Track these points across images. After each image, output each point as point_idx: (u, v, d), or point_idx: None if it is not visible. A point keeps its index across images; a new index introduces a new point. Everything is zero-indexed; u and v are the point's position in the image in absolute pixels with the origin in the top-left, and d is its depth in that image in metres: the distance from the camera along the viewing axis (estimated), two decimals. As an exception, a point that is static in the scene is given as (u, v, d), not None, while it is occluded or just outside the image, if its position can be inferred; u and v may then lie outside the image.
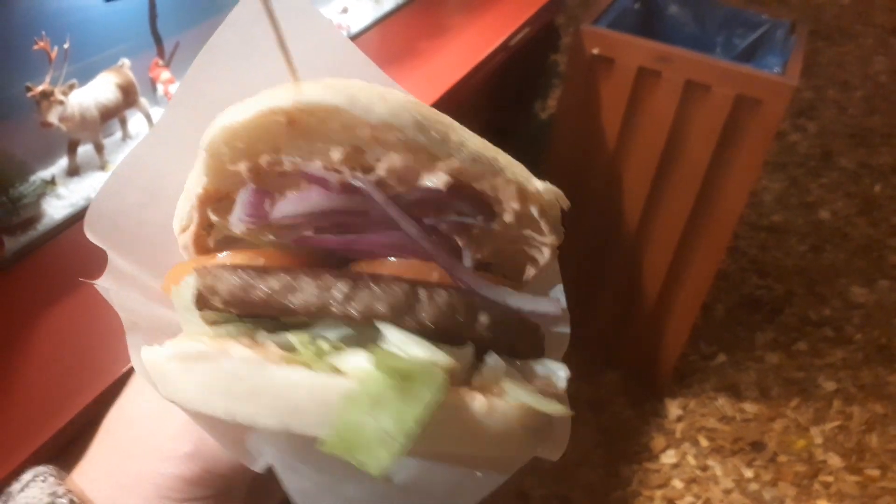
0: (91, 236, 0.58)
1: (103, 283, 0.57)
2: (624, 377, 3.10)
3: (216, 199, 0.53)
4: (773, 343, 3.32)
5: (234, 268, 0.49)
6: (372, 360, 0.43)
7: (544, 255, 0.56)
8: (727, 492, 2.75)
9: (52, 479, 0.59)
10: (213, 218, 0.54)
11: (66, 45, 1.49)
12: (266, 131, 0.49)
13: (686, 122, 2.46)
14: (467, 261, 0.52)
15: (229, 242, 0.57)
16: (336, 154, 0.48)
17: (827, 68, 5.28)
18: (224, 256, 0.55)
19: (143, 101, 1.70)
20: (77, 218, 1.50)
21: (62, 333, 1.27)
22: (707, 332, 3.31)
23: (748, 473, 2.81)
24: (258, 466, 0.54)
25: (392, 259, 0.52)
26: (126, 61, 1.67)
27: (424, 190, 0.48)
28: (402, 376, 0.42)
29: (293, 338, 0.46)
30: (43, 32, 1.45)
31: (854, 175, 4.33)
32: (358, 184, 0.48)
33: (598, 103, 2.58)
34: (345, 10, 2.34)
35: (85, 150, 1.62)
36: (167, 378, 0.48)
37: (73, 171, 1.59)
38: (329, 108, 0.46)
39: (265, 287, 0.47)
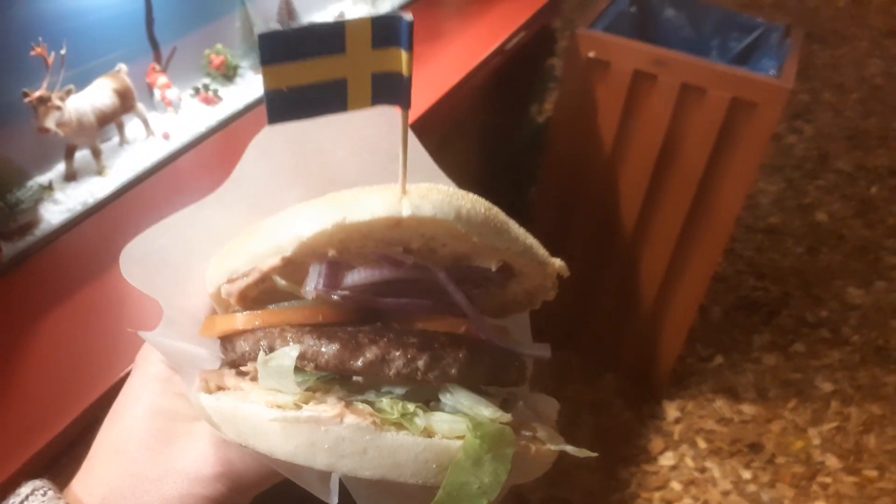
0: (125, 275, 0.64)
1: (150, 335, 0.63)
2: (621, 379, 3.11)
3: (284, 266, 0.59)
4: (771, 345, 3.32)
5: (328, 337, 0.56)
6: (469, 428, 0.54)
7: (535, 305, 0.70)
8: (725, 493, 2.75)
9: (51, 494, 0.59)
10: (281, 282, 0.59)
11: (63, 51, 1.49)
12: (371, 229, 0.55)
13: (682, 125, 2.47)
14: (478, 309, 0.62)
15: (270, 292, 0.62)
16: (416, 244, 0.57)
17: (822, 71, 5.30)
18: (280, 312, 0.61)
19: (140, 106, 1.70)
20: (74, 223, 1.51)
21: (59, 339, 1.27)
22: (704, 334, 3.32)
23: (746, 475, 2.82)
24: (333, 500, 0.61)
25: (427, 316, 0.61)
26: (123, 67, 1.68)
27: (475, 267, 0.60)
28: (493, 440, 0.54)
29: (384, 401, 0.55)
30: (40, 38, 1.46)
31: (850, 177, 4.34)
32: (429, 266, 0.58)
33: (594, 106, 2.58)
34: (341, 15, 2.35)
35: (82, 155, 1.63)
36: (257, 432, 0.55)
37: (71, 177, 1.59)
38: (437, 222, 0.54)
39: (363, 360, 0.55)
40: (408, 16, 0.53)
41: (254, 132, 0.69)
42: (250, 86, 1.95)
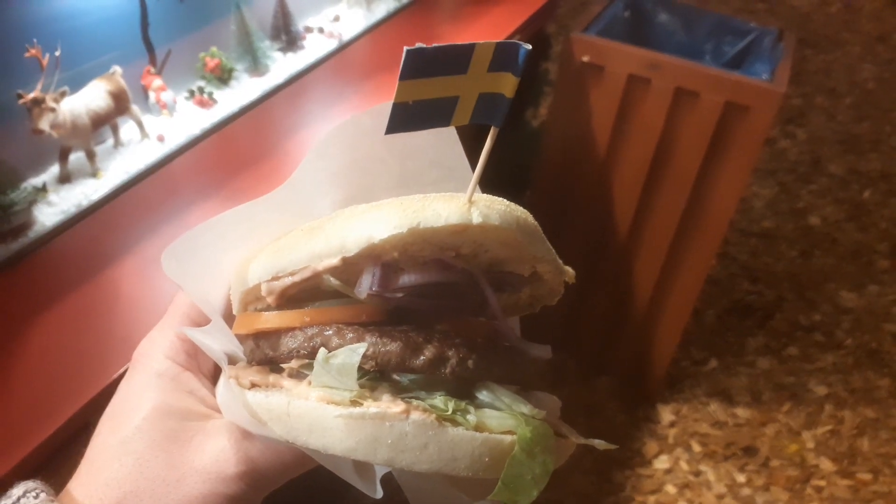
0: (167, 272, 0.65)
1: (196, 334, 0.64)
2: (616, 383, 3.11)
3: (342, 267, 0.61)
4: (764, 348, 3.33)
5: (391, 337, 0.59)
6: (521, 422, 0.58)
7: (536, 309, 0.74)
8: (720, 497, 2.75)
9: (43, 496, 0.57)
10: (334, 282, 0.61)
11: (57, 53, 1.50)
12: (439, 235, 0.58)
13: (676, 128, 2.48)
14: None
15: (307, 291, 0.63)
16: (466, 249, 0.60)
17: (815, 76, 5.33)
18: (324, 311, 0.62)
19: (134, 108, 1.70)
20: (68, 225, 1.50)
21: (53, 340, 1.27)
22: (698, 338, 3.33)
23: (741, 478, 2.82)
24: (378, 494, 0.64)
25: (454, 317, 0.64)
26: (118, 69, 1.67)
27: (508, 273, 0.63)
28: (540, 433, 0.58)
29: (438, 398, 0.58)
30: (34, 40, 1.46)
31: (843, 181, 4.36)
32: (473, 271, 0.60)
33: (588, 111, 2.59)
34: (336, 19, 2.36)
35: (76, 157, 1.62)
36: (316, 429, 0.57)
37: (65, 179, 1.59)
38: (501, 230, 0.58)
39: (423, 359, 0.58)
40: (527, 45, 0.56)
41: (248, 136, 0.70)
42: (245, 89, 1.96)
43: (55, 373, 1.22)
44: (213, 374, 0.69)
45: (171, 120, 1.80)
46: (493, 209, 0.58)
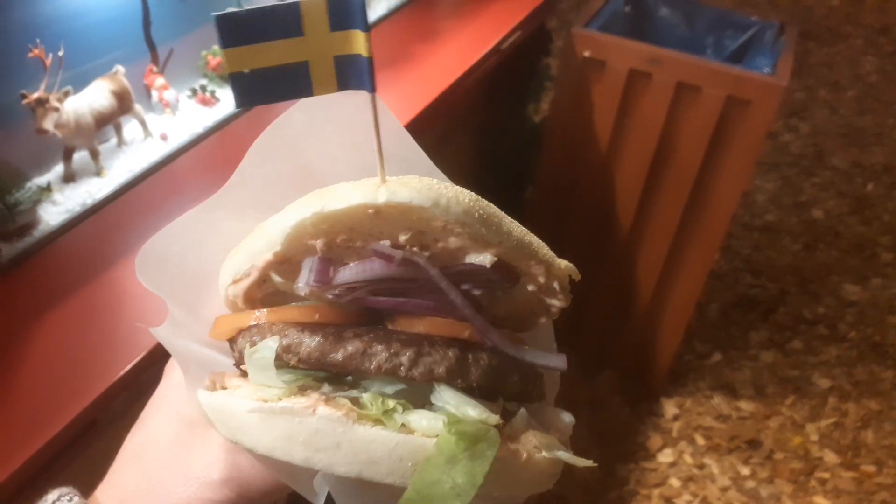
0: (141, 278, 0.64)
1: (160, 331, 0.63)
2: (620, 377, 3.12)
3: (280, 263, 0.59)
4: (768, 342, 3.33)
5: (312, 331, 0.56)
6: (444, 424, 0.52)
7: (551, 313, 0.67)
8: (724, 489, 2.76)
9: (77, 500, 0.60)
10: (277, 279, 0.60)
11: (60, 53, 1.50)
12: (351, 218, 0.56)
13: (677, 123, 2.48)
14: (488, 317, 0.60)
15: (276, 294, 0.63)
16: (403, 236, 0.56)
17: (817, 69, 5.31)
18: (278, 311, 0.60)
19: (137, 107, 1.71)
20: (73, 224, 1.51)
21: (58, 339, 1.28)
22: (702, 332, 3.33)
23: (745, 471, 2.82)
24: (318, 501, 0.61)
25: (431, 318, 0.60)
26: (120, 68, 1.68)
27: (469, 265, 0.58)
28: (470, 438, 0.51)
29: (364, 396, 0.54)
30: (38, 40, 1.46)
31: (846, 174, 4.36)
32: (418, 260, 0.57)
33: (589, 106, 2.59)
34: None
35: (80, 156, 1.63)
36: (242, 426, 0.55)
37: (69, 178, 1.60)
38: (415, 207, 0.54)
39: (343, 352, 0.55)
40: None
41: (251, 133, 0.70)
42: (247, 87, 1.96)
43: (61, 372, 1.22)
44: None
45: (174, 118, 1.81)
46: (406, 186, 0.55)
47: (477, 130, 2.87)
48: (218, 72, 1.94)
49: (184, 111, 1.84)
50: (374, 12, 2.40)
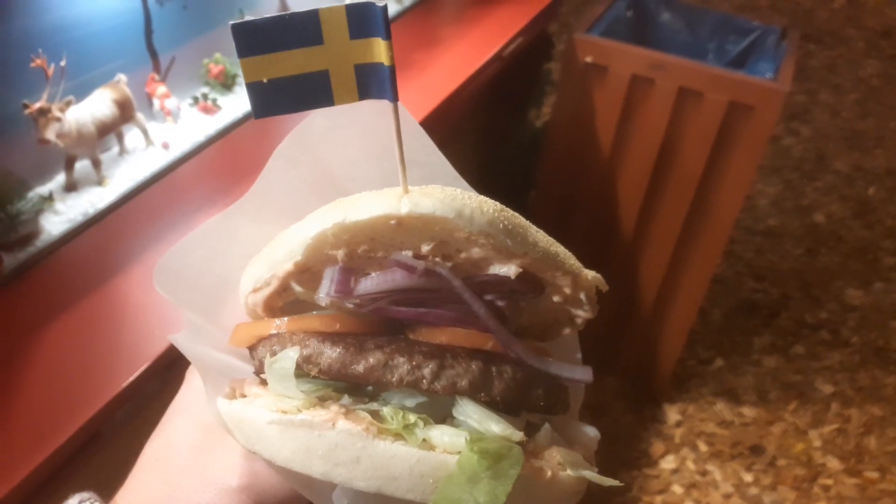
0: (158, 288, 0.64)
1: (177, 337, 0.62)
2: (622, 383, 3.11)
3: (300, 272, 0.59)
4: (771, 347, 3.33)
5: (333, 341, 0.55)
6: (466, 441, 0.51)
7: (577, 323, 0.66)
8: (727, 496, 2.75)
9: None
10: (298, 288, 0.59)
11: (62, 62, 1.50)
12: (373, 229, 0.55)
13: (680, 128, 2.47)
14: (511, 327, 0.59)
15: (296, 303, 0.62)
16: (426, 247, 0.55)
17: (819, 72, 5.31)
18: (298, 319, 0.60)
19: (139, 116, 1.71)
20: (75, 234, 1.51)
21: (62, 348, 1.28)
22: (704, 337, 3.32)
23: (747, 478, 2.82)
24: None
25: (453, 328, 0.58)
26: (122, 77, 1.68)
27: (493, 276, 0.57)
28: (493, 456, 0.50)
29: (385, 409, 0.53)
30: (39, 50, 1.46)
31: (848, 178, 4.35)
32: (441, 271, 0.55)
33: (591, 111, 2.59)
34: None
35: (82, 165, 1.63)
36: (261, 436, 0.54)
37: (71, 187, 1.60)
38: (438, 218, 0.53)
39: (364, 364, 0.54)
40: (380, 2, 0.51)
41: (253, 141, 0.69)
42: (249, 94, 1.96)
43: (64, 382, 1.22)
44: None
45: (176, 127, 1.81)
46: (429, 197, 0.54)
47: (479, 136, 2.87)
48: (219, 80, 1.94)
49: (185, 119, 1.84)
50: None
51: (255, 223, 0.67)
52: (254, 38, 0.51)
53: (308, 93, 0.54)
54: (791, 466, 2.86)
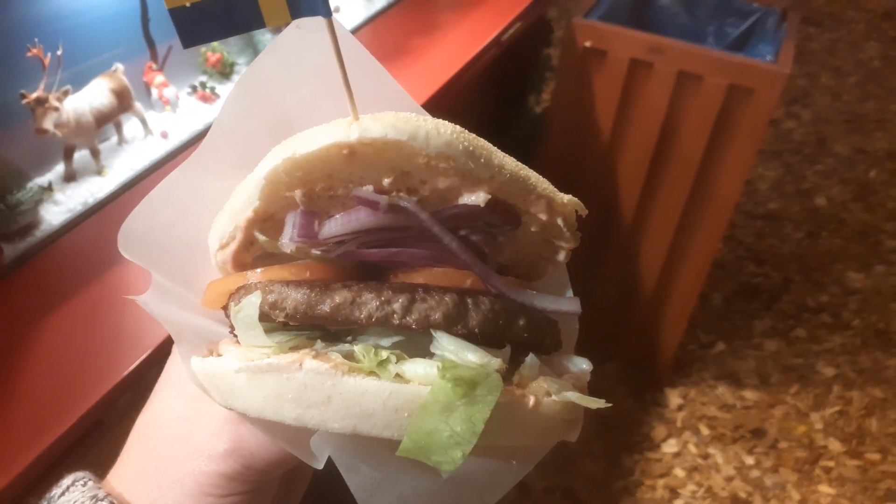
0: (125, 252, 0.61)
1: (144, 299, 0.60)
2: (623, 368, 3.12)
3: (263, 220, 0.57)
4: (772, 330, 3.33)
5: (298, 284, 0.53)
6: (439, 369, 0.48)
7: (560, 256, 0.62)
8: (729, 479, 2.77)
9: (91, 483, 0.60)
10: (261, 237, 0.57)
11: (59, 52, 1.50)
12: (327, 162, 0.52)
13: (679, 112, 2.47)
14: (492, 265, 0.56)
15: (266, 256, 0.60)
16: (387, 179, 0.53)
17: (819, 55, 5.29)
18: (267, 270, 0.57)
19: (137, 105, 1.71)
20: (74, 223, 1.51)
21: (62, 338, 1.28)
22: (705, 321, 3.33)
23: (749, 460, 2.83)
24: (318, 464, 0.57)
25: (429, 268, 0.56)
26: (120, 66, 1.67)
27: (463, 206, 0.54)
28: (467, 383, 0.48)
29: (356, 348, 0.51)
30: (36, 39, 1.46)
31: (849, 161, 4.34)
32: (406, 205, 0.53)
33: (591, 96, 2.58)
34: (337, 10, 2.35)
35: (81, 155, 1.63)
36: (233, 388, 0.52)
37: (70, 177, 1.59)
38: (391, 142, 0.50)
39: (330, 302, 0.51)
40: None
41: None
42: (247, 82, 1.95)
43: (65, 371, 1.23)
44: None
45: (174, 116, 1.80)
46: (380, 121, 0.51)
47: (478, 122, 2.86)
48: (217, 68, 1.93)
49: (184, 108, 1.84)
50: (374, 6, 2.39)
51: (218, 178, 0.64)
52: None
53: (235, 15, 0.51)
54: (792, 449, 2.87)
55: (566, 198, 0.59)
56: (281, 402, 0.50)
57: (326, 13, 0.51)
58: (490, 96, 2.83)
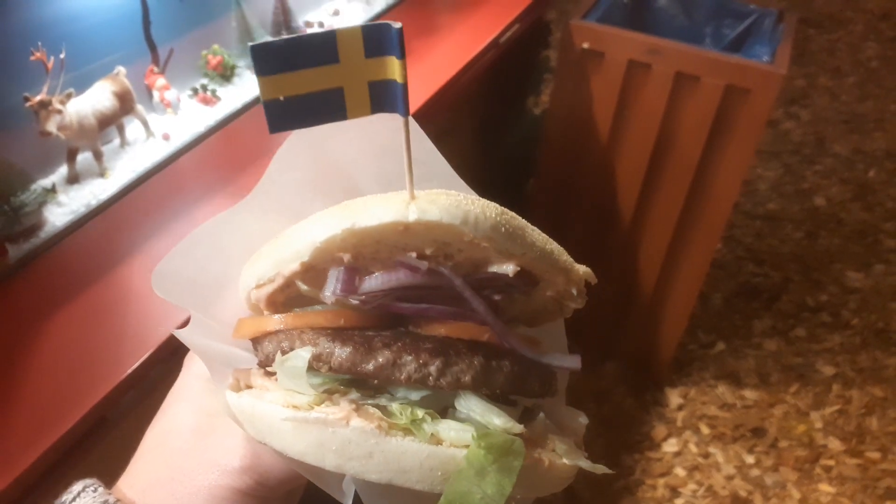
0: (158, 292, 0.65)
1: (183, 333, 0.64)
2: (624, 367, 3.13)
3: (305, 272, 0.60)
4: (771, 330, 3.34)
5: (342, 340, 0.58)
6: (473, 438, 0.54)
7: (566, 314, 0.70)
8: (729, 478, 2.77)
9: (101, 490, 0.61)
10: (303, 287, 0.61)
11: (62, 55, 1.51)
12: (381, 234, 0.57)
13: (677, 113, 2.48)
14: (504, 317, 0.62)
15: (299, 296, 0.64)
16: (429, 249, 0.58)
17: (818, 55, 5.30)
18: (302, 316, 0.62)
19: (139, 108, 1.72)
20: (78, 225, 1.53)
21: (66, 339, 1.30)
22: (705, 321, 3.34)
23: (749, 459, 2.84)
24: (347, 501, 0.63)
25: (450, 322, 0.61)
26: (122, 69, 1.69)
27: (493, 273, 0.60)
28: (498, 451, 0.54)
29: (394, 406, 0.56)
30: (39, 43, 1.48)
31: (848, 161, 4.35)
32: (443, 271, 0.59)
33: (589, 97, 2.60)
34: (336, 13, 2.37)
35: (84, 157, 1.65)
36: (273, 430, 0.56)
37: (73, 179, 1.61)
38: (444, 225, 0.56)
39: (374, 363, 0.56)
40: (396, 24, 0.54)
41: (253, 132, 0.71)
42: (248, 85, 1.97)
43: (70, 370, 1.24)
44: None
45: (176, 118, 1.82)
46: (436, 204, 0.56)
47: (477, 124, 2.88)
48: (218, 71, 1.95)
49: (185, 111, 1.86)
50: (373, 9, 2.40)
51: (258, 219, 0.69)
52: (272, 58, 0.53)
53: (322, 109, 0.56)
54: (793, 448, 2.88)
55: (582, 269, 0.65)
56: (324, 452, 0.54)
57: (405, 113, 0.56)
58: (489, 98, 2.85)
